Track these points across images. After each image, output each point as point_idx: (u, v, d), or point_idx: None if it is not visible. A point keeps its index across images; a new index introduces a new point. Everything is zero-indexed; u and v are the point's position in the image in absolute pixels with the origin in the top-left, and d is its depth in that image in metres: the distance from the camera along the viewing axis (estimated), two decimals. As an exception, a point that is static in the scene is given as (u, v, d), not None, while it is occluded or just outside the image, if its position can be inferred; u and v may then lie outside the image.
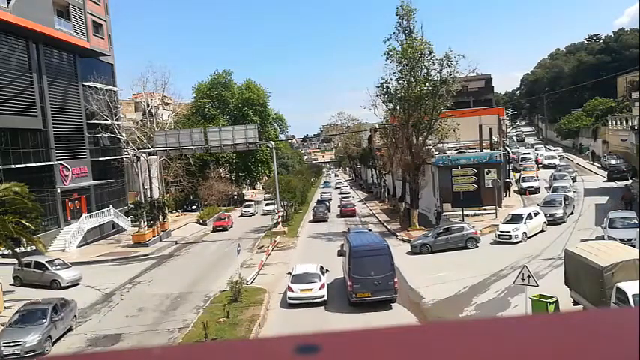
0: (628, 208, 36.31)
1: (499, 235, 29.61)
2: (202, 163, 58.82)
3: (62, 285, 26.63)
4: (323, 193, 71.33)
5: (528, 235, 29.22)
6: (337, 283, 22.81)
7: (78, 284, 27.39)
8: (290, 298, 20.80)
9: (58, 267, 27.91)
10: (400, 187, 44.55)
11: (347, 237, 24.02)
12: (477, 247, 28.97)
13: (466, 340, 0.84)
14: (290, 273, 22.70)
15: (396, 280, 20.13)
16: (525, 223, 29.44)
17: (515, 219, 30.01)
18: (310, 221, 47.89)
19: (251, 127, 44.43)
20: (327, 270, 22.77)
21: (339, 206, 52.34)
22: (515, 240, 28.69)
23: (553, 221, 31.76)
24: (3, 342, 17.59)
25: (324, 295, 20.83)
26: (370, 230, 35.30)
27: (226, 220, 48.64)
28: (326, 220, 46.68)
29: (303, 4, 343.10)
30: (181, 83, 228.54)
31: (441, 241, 29.35)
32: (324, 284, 21.32)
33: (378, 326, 0.88)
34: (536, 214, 30.73)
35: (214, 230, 46.47)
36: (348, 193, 67.72)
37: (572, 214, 34.14)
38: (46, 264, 27.62)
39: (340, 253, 24.09)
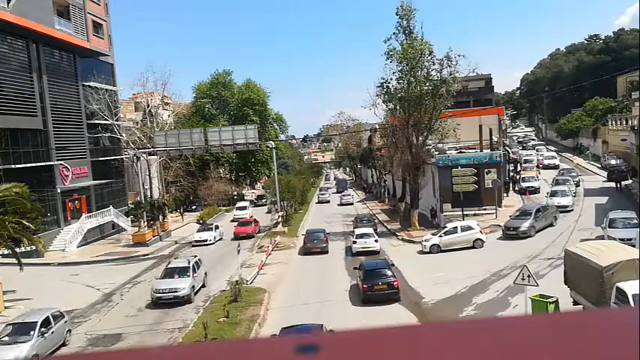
0: (618, 186, 37.37)
1: (421, 242, 29.92)
2: (202, 163, 58.77)
3: None
4: (326, 178, 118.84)
5: (442, 249, 28.53)
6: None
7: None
8: None
9: None
10: (400, 187, 44.53)
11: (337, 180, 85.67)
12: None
13: (466, 340, 0.84)
14: None
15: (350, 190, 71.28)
16: (440, 236, 29.11)
17: (449, 230, 29.51)
18: (321, 183, 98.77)
19: (251, 127, 44.49)
20: None
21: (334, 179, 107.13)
22: (424, 250, 29.00)
23: (516, 235, 29.28)
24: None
25: None
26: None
27: (252, 225, 41.01)
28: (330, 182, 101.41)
29: (303, 4, 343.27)
30: (181, 83, 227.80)
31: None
32: None
33: (378, 326, 0.88)
34: (465, 229, 29.30)
35: (236, 238, 37.48)
36: (336, 175, 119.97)
37: (551, 225, 31.06)
38: None
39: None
